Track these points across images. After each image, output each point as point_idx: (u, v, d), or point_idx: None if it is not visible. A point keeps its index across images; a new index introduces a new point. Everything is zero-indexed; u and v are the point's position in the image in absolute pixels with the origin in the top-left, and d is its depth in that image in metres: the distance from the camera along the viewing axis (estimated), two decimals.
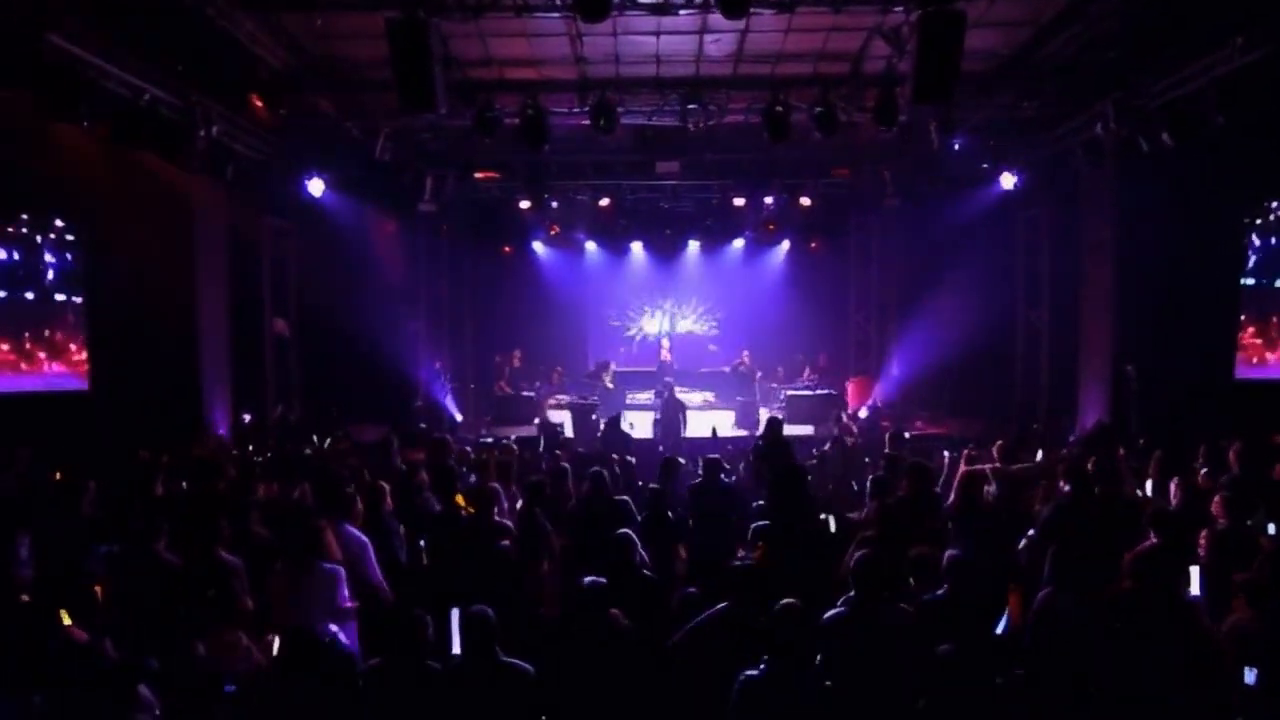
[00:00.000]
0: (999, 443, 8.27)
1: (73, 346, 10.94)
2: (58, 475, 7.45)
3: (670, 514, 7.00)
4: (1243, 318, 11.39)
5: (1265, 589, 4.35)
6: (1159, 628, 4.29)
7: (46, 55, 6.85)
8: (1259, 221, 11.39)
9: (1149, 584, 4.62)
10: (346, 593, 5.21)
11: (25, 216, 10.48)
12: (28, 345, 10.62)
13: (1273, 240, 11.36)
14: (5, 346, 10.44)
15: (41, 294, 10.66)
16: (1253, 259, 11.44)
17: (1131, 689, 4.13)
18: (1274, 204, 11.27)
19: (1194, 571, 4.86)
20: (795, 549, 5.97)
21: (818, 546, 6.31)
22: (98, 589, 5.11)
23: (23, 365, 10.62)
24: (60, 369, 10.84)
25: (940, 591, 4.56)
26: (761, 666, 3.95)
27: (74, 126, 7.65)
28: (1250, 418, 8.71)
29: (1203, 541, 5.45)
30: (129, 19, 7.67)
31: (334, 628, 4.99)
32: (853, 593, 4.54)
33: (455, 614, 4.61)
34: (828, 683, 4.06)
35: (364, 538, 5.86)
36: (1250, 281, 11.44)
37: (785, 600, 4.12)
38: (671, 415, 13.39)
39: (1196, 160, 9.52)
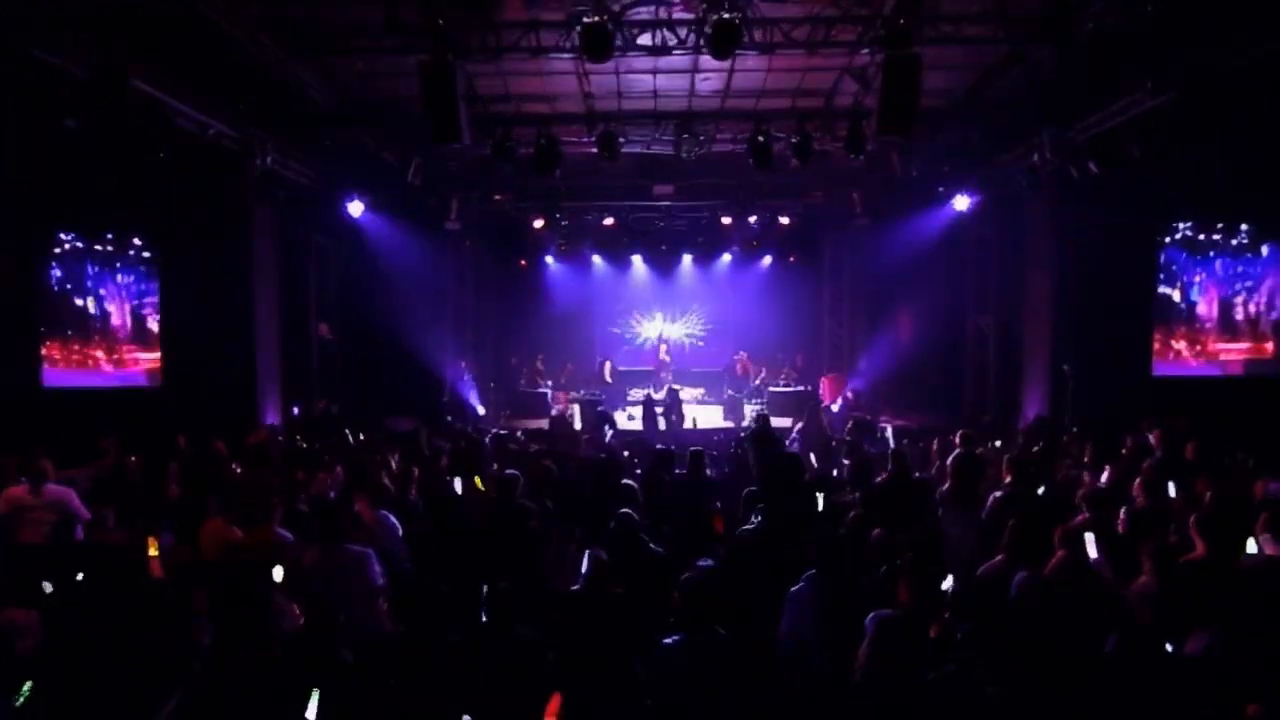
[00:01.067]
0: (960, 432, 7.96)
1: (149, 350, 11.12)
2: (132, 459, 7.57)
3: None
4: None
5: (1168, 552, 4.46)
6: (1081, 589, 4.36)
7: (129, 96, 6.99)
8: (1168, 240, 11.61)
9: (1079, 554, 4.73)
10: (379, 569, 4.91)
11: (110, 236, 10.67)
12: (109, 347, 10.80)
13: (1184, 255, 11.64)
14: (88, 349, 10.64)
15: (122, 304, 10.86)
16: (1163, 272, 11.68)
17: (1061, 643, 3.91)
18: (1181, 225, 11.50)
19: (1089, 538, 4.71)
20: (791, 528, 5.59)
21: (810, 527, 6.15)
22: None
23: (104, 365, 10.80)
24: (135, 369, 11.01)
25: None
26: (678, 635, 3.77)
27: (151, 156, 7.78)
28: (1166, 409, 8.86)
29: (1121, 518, 5.60)
30: (197, 64, 7.80)
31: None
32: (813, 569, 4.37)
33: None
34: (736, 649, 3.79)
35: (394, 520, 5.76)
36: (1166, 291, 11.66)
37: (688, 574, 3.98)
38: (675, 411, 13.31)
39: (1119, 186, 9.60)
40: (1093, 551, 4.60)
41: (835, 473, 8.44)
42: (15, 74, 6.32)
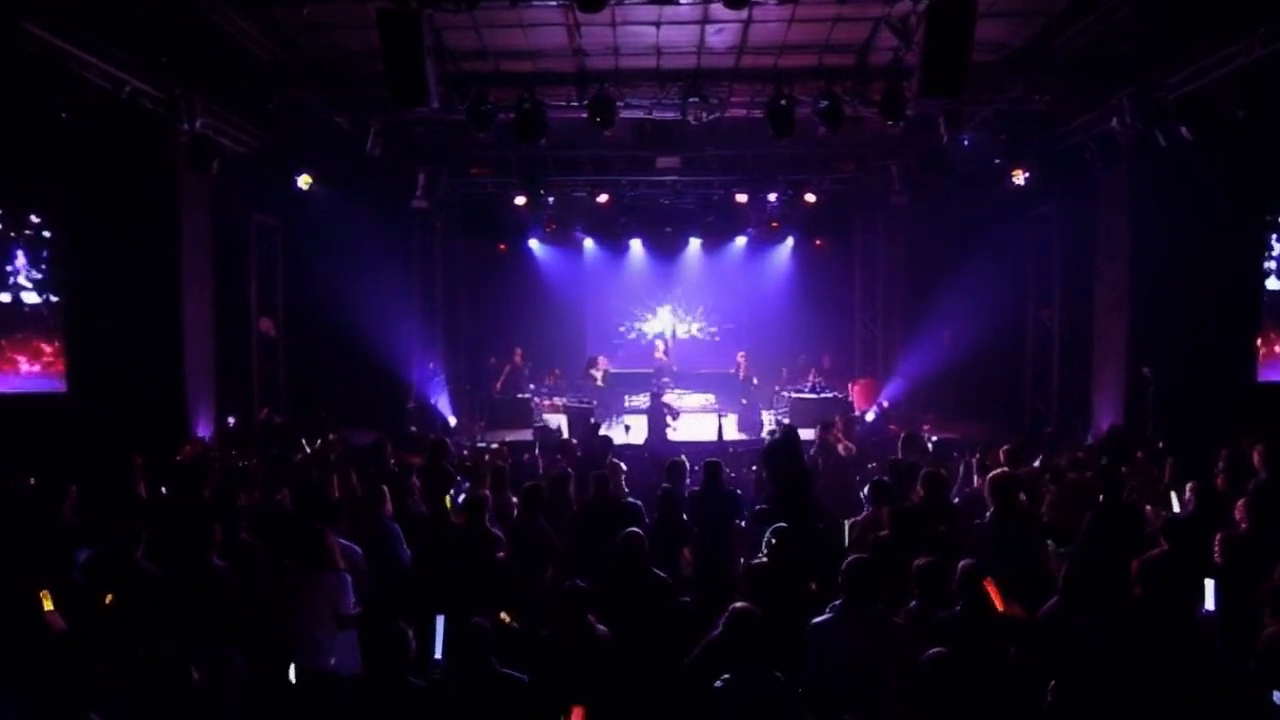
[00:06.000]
0: (1005, 447, 8.27)
1: (49, 347, 10.91)
2: (32, 480, 7.39)
3: (684, 516, 7.04)
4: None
5: None
6: (1166, 639, 4.25)
7: (24, 45, 6.85)
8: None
9: (1158, 591, 4.58)
10: (352, 599, 5.30)
11: (1, 212, 10.47)
12: (2, 346, 10.61)
13: None
14: None
15: (16, 293, 10.65)
16: (1275, 260, 11.42)
17: (1137, 698, 4.05)
18: None
19: (1209, 585, 4.73)
20: (802, 551, 5.93)
21: (819, 550, 6.28)
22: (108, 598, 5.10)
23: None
24: (36, 370, 10.82)
25: (956, 608, 4.51)
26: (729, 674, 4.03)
27: (52, 119, 7.60)
28: (1272, 421, 8.68)
29: (1218, 547, 5.40)
30: (109, 9, 7.65)
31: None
32: (841, 599, 4.54)
33: (440, 621, 4.61)
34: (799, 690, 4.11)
35: (354, 546, 5.91)
36: (1273, 283, 11.43)
37: (738, 604, 4.27)
38: (657, 418, 13.42)
39: (1215, 156, 9.51)
40: (1209, 603, 4.45)
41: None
42: None
